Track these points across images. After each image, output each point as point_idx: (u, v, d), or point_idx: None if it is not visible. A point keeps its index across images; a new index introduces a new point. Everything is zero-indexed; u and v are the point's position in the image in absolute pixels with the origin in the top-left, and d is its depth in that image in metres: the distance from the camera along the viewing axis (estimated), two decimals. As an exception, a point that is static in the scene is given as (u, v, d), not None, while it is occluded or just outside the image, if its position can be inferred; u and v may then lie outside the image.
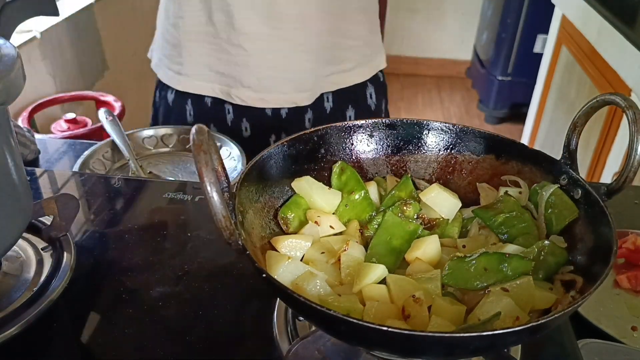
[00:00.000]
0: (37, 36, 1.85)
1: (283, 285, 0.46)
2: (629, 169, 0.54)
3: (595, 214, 0.55)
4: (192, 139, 0.44)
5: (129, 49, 2.59)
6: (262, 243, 0.59)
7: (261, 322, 0.65)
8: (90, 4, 2.20)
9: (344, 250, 0.58)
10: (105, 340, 0.63)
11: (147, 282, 0.70)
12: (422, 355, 0.48)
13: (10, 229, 0.63)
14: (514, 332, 0.43)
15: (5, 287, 0.66)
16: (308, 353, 0.54)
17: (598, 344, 0.63)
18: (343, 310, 0.50)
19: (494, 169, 0.67)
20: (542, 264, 0.56)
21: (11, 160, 0.61)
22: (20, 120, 1.76)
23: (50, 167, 1.00)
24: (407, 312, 0.51)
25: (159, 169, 1.07)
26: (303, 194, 0.63)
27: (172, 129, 1.14)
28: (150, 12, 2.93)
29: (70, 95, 1.98)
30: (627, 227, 0.81)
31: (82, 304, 0.67)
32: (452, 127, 0.68)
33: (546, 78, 2.41)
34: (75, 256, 0.71)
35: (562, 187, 0.60)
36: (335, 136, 0.67)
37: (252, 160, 0.59)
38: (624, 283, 0.73)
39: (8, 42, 0.59)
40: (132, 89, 2.63)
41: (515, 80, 3.21)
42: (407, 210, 0.63)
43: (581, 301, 0.46)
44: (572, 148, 0.62)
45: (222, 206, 0.43)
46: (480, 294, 0.53)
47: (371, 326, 0.42)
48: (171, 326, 0.64)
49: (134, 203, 0.85)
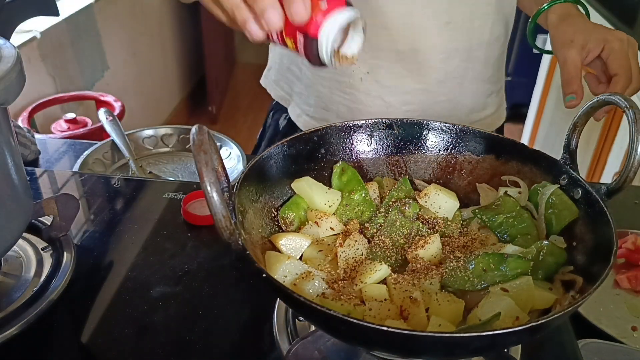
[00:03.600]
0: (37, 36, 1.85)
1: (283, 285, 0.46)
2: (629, 169, 0.54)
3: (595, 214, 0.55)
4: (192, 139, 0.44)
5: (129, 49, 2.59)
6: (262, 243, 0.59)
7: (261, 322, 0.65)
8: (90, 4, 2.20)
9: (340, 245, 0.58)
10: (105, 340, 0.63)
11: (147, 282, 0.70)
12: (422, 355, 0.48)
13: (10, 229, 0.63)
14: (514, 332, 0.43)
15: (5, 287, 0.66)
16: (308, 353, 0.54)
17: (598, 344, 0.63)
18: (343, 310, 0.50)
19: (494, 169, 0.67)
20: (542, 264, 0.56)
21: (11, 160, 0.61)
22: (20, 120, 1.76)
23: (50, 167, 1.00)
24: (406, 312, 0.51)
25: (159, 169, 1.07)
26: (303, 195, 0.63)
27: (172, 129, 1.14)
28: (150, 12, 2.94)
29: (70, 95, 1.98)
30: (627, 227, 0.81)
31: (82, 304, 0.67)
32: (452, 127, 0.68)
33: (546, 78, 2.41)
34: (75, 256, 0.71)
35: (562, 187, 0.60)
36: (335, 136, 0.67)
37: (252, 160, 0.59)
38: (624, 283, 0.73)
39: (8, 42, 0.59)
40: (132, 89, 2.63)
41: (515, 80, 3.20)
42: (406, 211, 0.63)
43: (581, 301, 0.46)
44: (572, 148, 0.62)
45: (222, 206, 0.43)
46: (481, 294, 0.53)
47: (371, 326, 0.42)
48: (171, 326, 0.64)
49: (134, 203, 0.85)
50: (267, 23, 0.48)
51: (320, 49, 0.49)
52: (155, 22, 2.91)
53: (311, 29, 0.48)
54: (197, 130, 0.45)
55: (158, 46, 2.96)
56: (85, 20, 2.18)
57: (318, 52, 0.49)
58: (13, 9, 0.96)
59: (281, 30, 0.50)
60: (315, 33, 0.48)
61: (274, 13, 0.47)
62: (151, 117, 2.84)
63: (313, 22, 0.48)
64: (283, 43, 0.52)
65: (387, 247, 0.59)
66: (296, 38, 0.50)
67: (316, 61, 0.50)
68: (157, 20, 2.93)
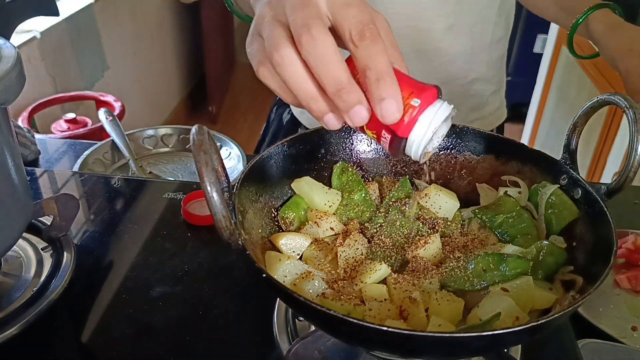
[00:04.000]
0: (37, 36, 1.85)
1: (283, 285, 0.46)
2: (629, 169, 0.54)
3: (595, 214, 0.55)
4: (192, 139, 0.44)
5: (129, 49, 2.59)
6: (262, 243, 0.59)
7: (261, 322, 0.65)
8: (90, 4, 2.20)
9: (340, 245, 0.58)
10: (105, 340, 0.63)
11: (147, 282, 0.70)
12: (422, 355, 0.48)
13: (10, 229, 0.63)
14: (514, 332, 0.43)
15: (5, 287, 0.66)
16: (308, 353, 0.54)
17: (598, 344, 0.63)
18: (343, 310, 0.50)
19: (494, 169, 0.67)
20: (542, 264, 0.56)
21: (11, 160, 0.61)
22: (20, 120, 1.76)
23: (50, 167, 1.00)
24: (405, 312, 0.51)
25: (159, 169, 1.07)
26: (303, 195, 0.63)
27: (172, 129, 1.14)
28: (150, 12, 2.94)
29: (70, 95, 1.98)
30: (627, 227, 0.81)
31: (82, 304, 0.67)
32: (452, 127, 0.68)
33: (546, 78, 2.41)
34: (75, 256, 0.71)
35: (562, 187, 0.60)
36: (335, 136, 0.67)
37: (252, 160, 0.59)
38: (624, 283, 0.73)
39: (8, 42, 0.59)
40: (132, 89, 2.63)
41: (515, 80, 3.20)
42: (406, 211, 0.63)
43: (581, 301, 0.46)
44: (572, 148, 0.62)
45: (222, 206, 0.43)
46: (481, 294, 0.53)
47: (371, 326, 0.42)
48: (171, 326, 0.64)
49: (134, 203, 0.85)
50: (353, 120, 0.43)
51: (409, 148, 0.45)
52: (155, 22, 2.91)
53: (400, 130, 0.44)
54: (197, 130, 0.45)
55: (158, 46, 2.96)
56: (85, 20, 2.18)
57: (405, 150, 0.45)
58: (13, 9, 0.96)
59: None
60: (405, 134, 0.44)
61: (362, 111, 0.42)
62: (151, 117, 2.84)
63: (403, 121, 0.43)
64: (361, 131, 0.47)
65: (387, 247, 0.59)
66: (380, 134, 0.45)
67: (399, 155, 0.46)
68: (157, 20, 2.92)
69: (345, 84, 0.41)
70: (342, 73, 0.41)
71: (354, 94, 0.42)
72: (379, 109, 0.42)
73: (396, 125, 0.43)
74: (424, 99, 0.43)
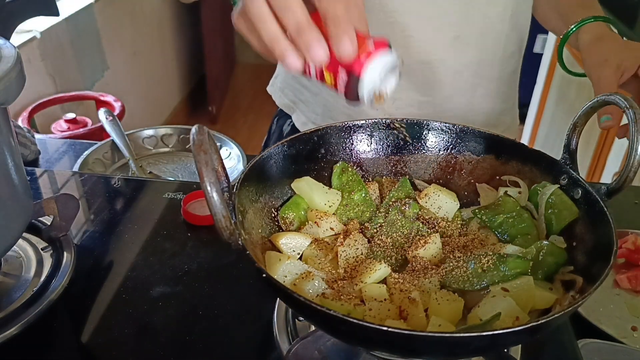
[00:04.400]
0: (37, 36, 1.85)
1: (283, 285, 0.46)
2: (629, 169, 0.54)
3: (595, 214, 0.55)
4: (192, 139, 0.44)
5: (129, 49, 2.60)
6: (262, 243, 0.59)
7: (261, 322, 0.65)
8: (90, 4, 2.20)
9: (340, 245, 0.58)
10: (105, 340, 0.63)
11: (147, 282, 0.70)
12: (422, 355, 0.48)
13: (10, 229, 0.63)
14: (514, 332, 0.43)
15: (5, 287, 0.66)
16: (308, 353, 0.54)
17: (598, 344, 0.63)
18: (343, 310, 0.50)
19: (494, 169, 0.67)
20: (542, 264, 0.56)
21: (11, 160, 0.61)
22: (20, 120, 1.76)
23: (50, 167, 1.00)
24: (405, 312, 0.51)
25: (159, 169, 1.07)
26: (303, 195, 0.63)
27: (172, 129, 1.14)
28: (150, 12, 2.94)
29: (70, 95, 1.98)
30: (627, 227, 0.81)
31: (82, 304, 0.67)
32: (452, 127, 0.68)
33: (546, 78, 2.41)
34: (75, 256, 0.71)
35: (562, 187, 0.60)
36: (335, 136, 0.67)
37: (252, 160, 0.59)
38: (624, 283, 0.73)
39: (8, 42, 0.59)
40: (132, 89, 2.63)
41: (515, 80, 3.20)
42: (406, 211, 0.63)
43: (581, 301, 0.46)
44: (572, 148, 0.62)
45: (222, 206, 0.43)
46: (481, 293, 0.53)
47: (371, 326, 0.42)
48: (171, 326, 0.64)
49: (134, 203, 0.85)
50: (313, 57, 0.48)
51: (361, 87, 0.50)
52: (155, 22, 2.91)
53: (356, 68, 0.49)
54: (197, 130, 0.45)
55: (158, 46, 2.96)
56: (85, 20, 2.18)
57: (358, 90, 0.50)
58: (13, 9, 0.96)
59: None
60: (360, 72, 0.49)
61: (320, 49, 0.47)
62: (151, 117, 2.84)
63: (358, 61, 0.49)
64: (321, 77, 0.52)
65: (387, 246, 0.59)
66: (337, 74, 0.51)
67: (353, 97, 0.51)
68: (157, 20, 2.93)
69: (304, 24, 0.47)
70: (302, 17, 0.47)
71: (313, 33, 0.47)
72: (336, 46, 0.47)
73: (352, 64, 0.49)
74: (377, 44, 0.50)
